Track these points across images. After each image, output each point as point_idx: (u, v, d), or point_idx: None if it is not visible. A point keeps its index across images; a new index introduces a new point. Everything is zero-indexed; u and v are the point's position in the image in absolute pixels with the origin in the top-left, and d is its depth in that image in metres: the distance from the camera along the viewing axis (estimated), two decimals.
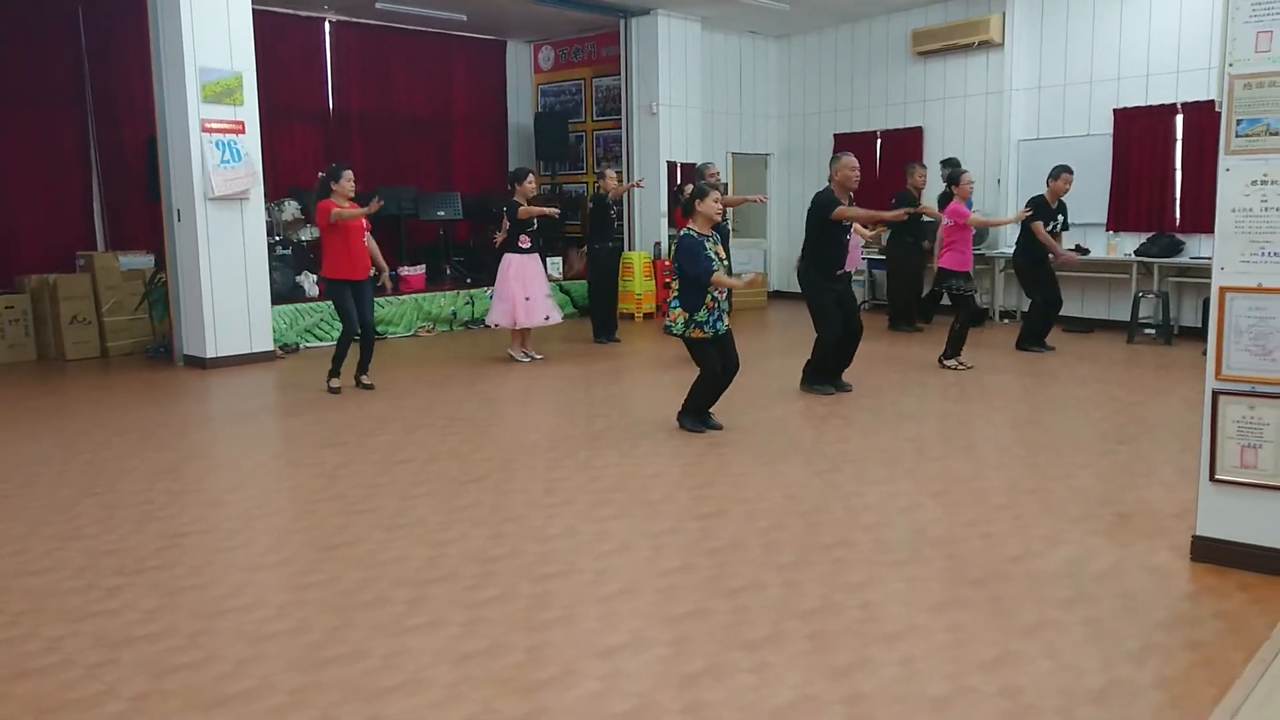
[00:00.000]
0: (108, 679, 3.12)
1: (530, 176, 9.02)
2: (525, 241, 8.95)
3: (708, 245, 6.06)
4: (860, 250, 9.32)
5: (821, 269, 7.34)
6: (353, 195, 7.68)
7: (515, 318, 8.98)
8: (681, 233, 6.18)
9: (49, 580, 3.97)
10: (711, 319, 6.10)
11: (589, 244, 10.45)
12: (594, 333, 10.41)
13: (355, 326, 7.70)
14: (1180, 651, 3.24)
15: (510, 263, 8.96)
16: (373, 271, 7.91)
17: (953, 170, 8.79)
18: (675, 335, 6.18)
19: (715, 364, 6.19)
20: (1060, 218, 9.30)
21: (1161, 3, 10.48)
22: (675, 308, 6.13)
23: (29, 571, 4.07)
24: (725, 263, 6.27)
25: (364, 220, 7.64)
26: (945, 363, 8.51)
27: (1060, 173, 9.19)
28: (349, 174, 7.64)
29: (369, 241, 7.79)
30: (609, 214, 10.37)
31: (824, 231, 7.29)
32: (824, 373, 7.50)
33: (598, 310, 10.50)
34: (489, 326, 9.28)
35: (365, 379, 7.93)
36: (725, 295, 6.20)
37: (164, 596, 3.78)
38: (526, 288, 8.95)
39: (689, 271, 6.01)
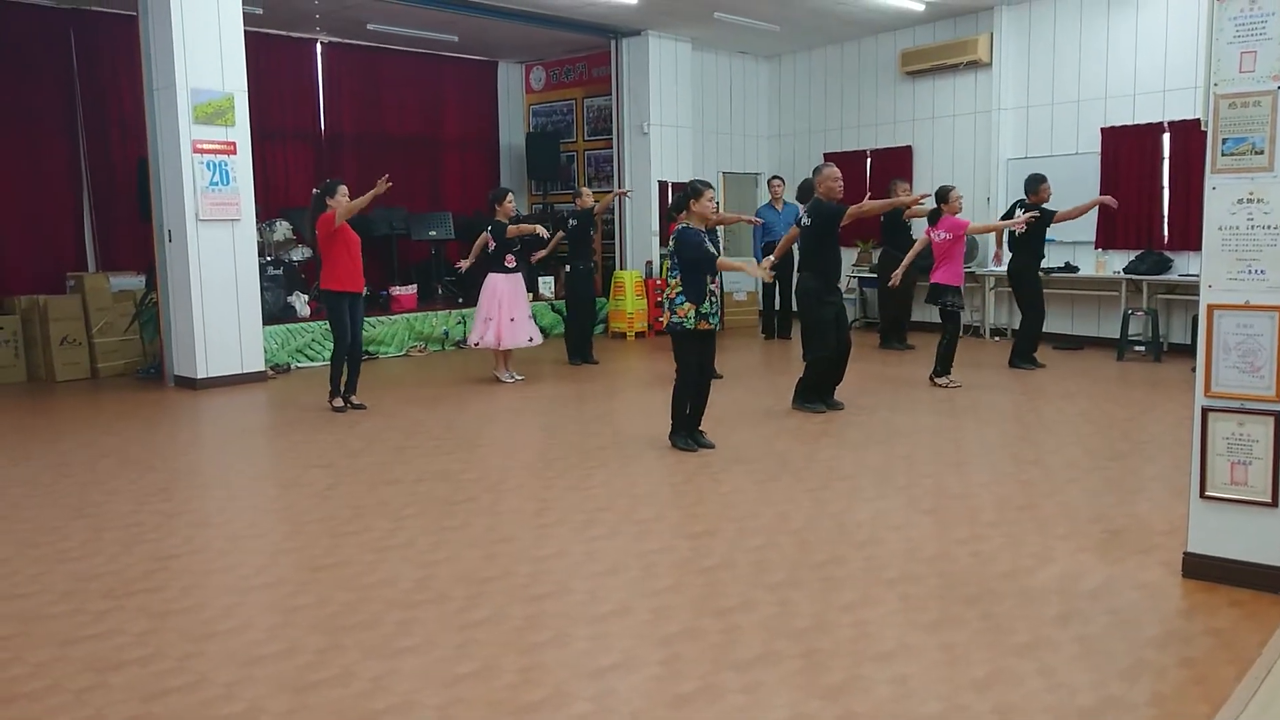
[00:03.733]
0: (97, 703, 3.10)
1: (509, 196, 8.97)
2: (510, 261, 8.89)
3: (706, 240, 6.15)
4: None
5: (824, 281, 7.35)
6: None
7: (499, 338, 8.91)
8: (679, 227, 6.20)
9: (37, 603, 3.94)
10: (714, 310, 6.20)
11: (570, 264, 10.35)
12: (568, 354, 10.22)
13: (348, 340, 7.71)
14: (1172, 668, 3.24)
15: (495, 282, 8.90)
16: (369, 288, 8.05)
17: (941, 187, 8.86)
18: (686, 329, 6.13)
19: (694, 367, 6.22)
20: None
21: (1147, 23, 10.59)
22: (681, 303, 6.12)
23: (16, 594, 4.04)
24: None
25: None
26: (937, 380, 8.51)
27: (1038, 185, 9.31)
28: (344, 188, 7.69)
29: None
30: (588, 234, 10.17)
31: (824, 243, 7.31)
32: (815, 390, 7.49)
33: (572, 331, 10.31)
34: (472, 345, 9.17)
35: (354, 399, 7.93)
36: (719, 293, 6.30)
37: (153, 619, 3.75)
38: (511, 308, 8.89)
39: (691, 257, 6.04)
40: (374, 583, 4.10)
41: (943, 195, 8.64)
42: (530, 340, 9.09)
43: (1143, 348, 10.19)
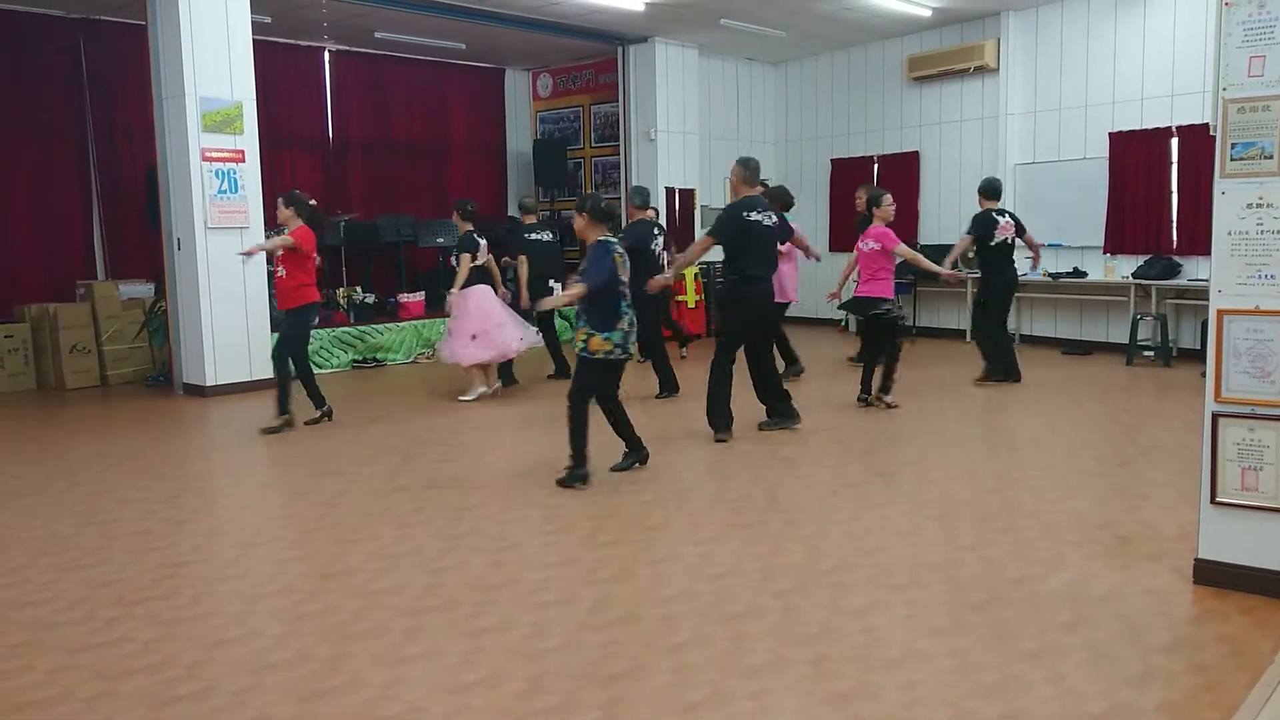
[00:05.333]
0: (106, 711, 3.11)
1: (470, 207, 8.47)
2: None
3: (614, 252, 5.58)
4: (794, 281, 8.64)
5: (737, 285, 6.72)
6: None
7: (455, 352, 8.36)
8: (599, 239, 5.62)
9: (47, 611, 3.95)
10: (627, 339, 5.61)
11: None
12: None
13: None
14: (1183, 675, 3.23)
15: (467, 297, 8.35)
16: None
17: (874, 192, 7.95)
18: (587, 357, 5.54)
19: (588, 399, 5.62)
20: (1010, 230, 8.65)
21: (1155, 27, 10.57)
22: (582, 325, 5.53)
23: (27, 602, 4.05)
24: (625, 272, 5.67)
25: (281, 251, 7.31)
26: (884, 399, 7.73)
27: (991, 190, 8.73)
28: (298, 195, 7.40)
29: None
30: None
31: (736, 244, 6.67)
32: (722, 414, 6.74)
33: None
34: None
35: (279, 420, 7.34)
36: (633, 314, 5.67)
37: (162, 627, 3.76)
38: (480, 322, 8.30)
39: (590, 280, 5.46)
40: (382, 590, 4.11)
41: (875, 200, 7.77)
42: (502, 354, 8.48)
43: (1152, 353, 10.16)
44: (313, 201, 7.68)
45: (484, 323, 8.32)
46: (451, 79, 13.89)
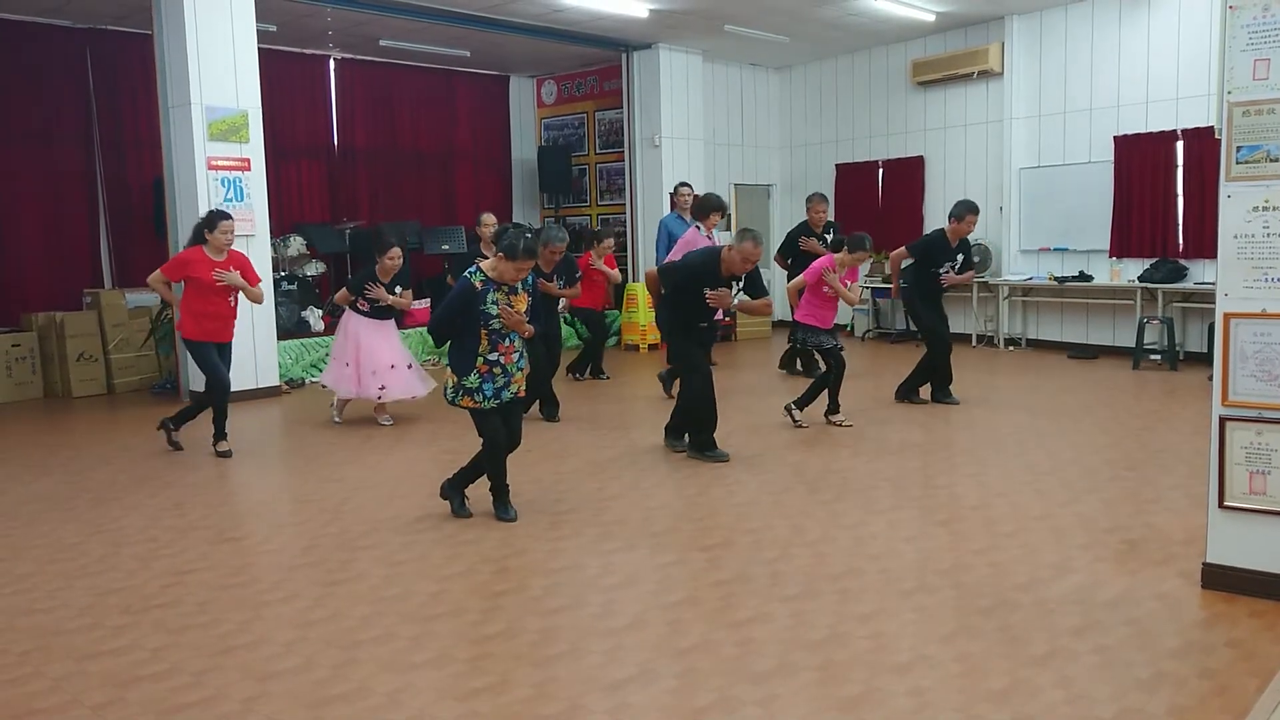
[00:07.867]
0: (114, 718, 3.11)
1: (393, 251, 7.70)
2: (364, 305, 7.78)
3: (490, 296, 4.88)
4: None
5: (680, 319, 6.42)
6: (229, 245, 6.78)
7: (344, 385, 7.81)
8: (468, 270, 5.02)
9: (54, 619, 3.95)
10: (492, 387, 4.99)
11: None
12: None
13: (225, 382, 6.86)
14: (1193, 680, 3.21)
15: (349, 320, 7.86)
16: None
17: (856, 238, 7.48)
18: (448, 402, 5.10)
19: (500, 435, 5.09)
20: (960, 256, 8.09)
21: (1159, 30, 10.56)
22: (449, 367, 5.10)
23: (35, 610, 4.05)
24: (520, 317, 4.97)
25: (228, 277, 6.69)
26: (793, 412, 7.40)
27: (964, 213, 7.96)
28: (227, 224, 6.70)
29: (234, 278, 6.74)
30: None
31: (681, 290, 6.33)
32: (698, 433, 6.47)
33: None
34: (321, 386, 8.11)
35: (223, 444, 6.92)
36: (518, 359, 5.07)
37: (169, 635, 3.76)
38: (372, 357, 7.74)
39: (430, 320, 5.09)
40: (389, 597, 4.11)
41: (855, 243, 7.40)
42: (413, 396, 7.95)
43: (1158, 356, 10.14)
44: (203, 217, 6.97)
45: (359, 355, 7.74)
46: (456, 86, 13.92)
